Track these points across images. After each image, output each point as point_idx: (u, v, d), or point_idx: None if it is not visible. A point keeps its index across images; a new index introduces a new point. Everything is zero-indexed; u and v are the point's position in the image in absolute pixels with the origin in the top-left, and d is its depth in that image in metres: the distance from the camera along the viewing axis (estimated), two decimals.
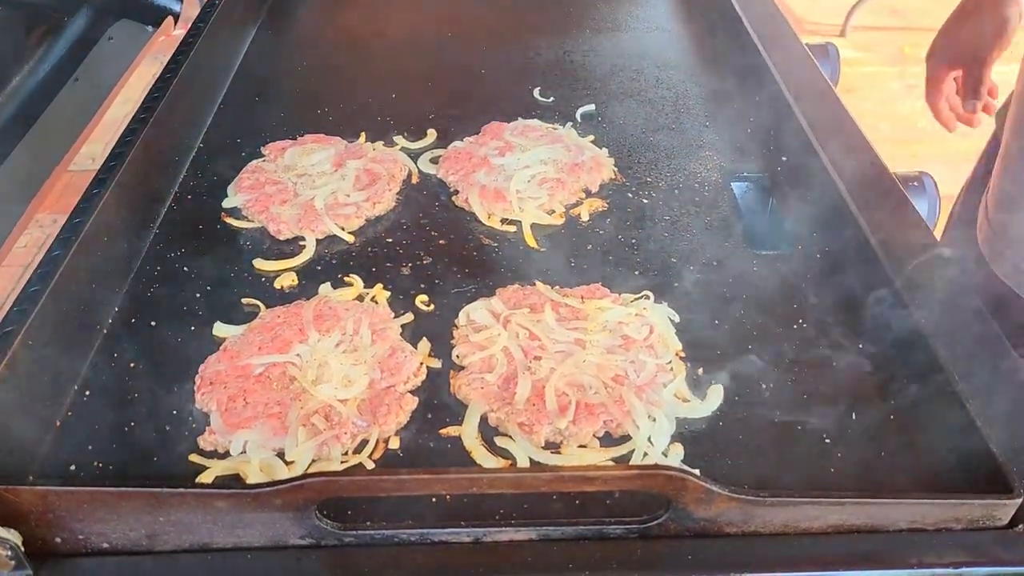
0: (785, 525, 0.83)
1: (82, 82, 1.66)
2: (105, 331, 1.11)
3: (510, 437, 0.97)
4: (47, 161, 1.53)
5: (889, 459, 0.95)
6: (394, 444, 0.97)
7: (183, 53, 1.55)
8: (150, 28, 1.85)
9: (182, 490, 0.79)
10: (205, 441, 0.97)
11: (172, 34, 1.86)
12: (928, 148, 3.86)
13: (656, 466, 0.90)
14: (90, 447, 0.96)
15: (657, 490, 0.80)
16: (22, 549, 0.77)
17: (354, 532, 0.82)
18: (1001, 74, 1.52)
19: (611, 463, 0.95)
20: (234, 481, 0.93)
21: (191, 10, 1.82)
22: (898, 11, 5.00)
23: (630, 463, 0.94)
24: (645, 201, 1.37)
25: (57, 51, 1.64)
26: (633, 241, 1.28)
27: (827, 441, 0.97)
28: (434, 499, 0.89)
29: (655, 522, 0.82)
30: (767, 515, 0.82)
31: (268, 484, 0.79)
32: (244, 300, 1.17)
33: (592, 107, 1.60)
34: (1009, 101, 1.45)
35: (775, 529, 0.83)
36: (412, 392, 1.03)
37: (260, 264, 1.23)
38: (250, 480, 0.92)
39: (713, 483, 0.80)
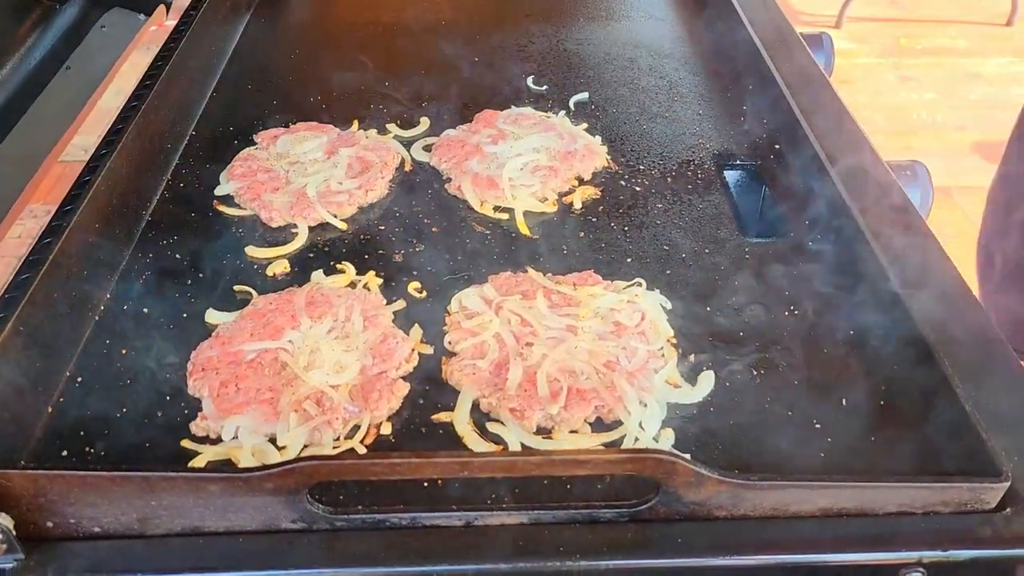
0: (774, 508, 0.83)
1: (74, 71, 1.65)
2: (97, 317, 1.11)
3: (502, 423, 0.98)
4: (39, 151, 1.52)
5: (879, 444, 0.95)
6: (386, 430, 0.98)
7: (175, 41, 1.55)
8: (142, 16, 1.84)
9: (173, 474, 0.79)
10: (197, 427, 0.97)
11: (165, 23, 1.85)
12: (922, 140, 3.87)
13: (646, 450, 0.90)
14: (82, 433, 0.96)
15: (647, 474, 0.80)
16: (13, 533, 0.77)
17: (345, 516, 0.82)
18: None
19: (602, 448, 0.95)
20: (226, 466, 0.93)
21: None
22: (894, 2, 5.00)
23: (621, 448, 0.94)
24: (638, 189, 1.37)
25: (48, 40, 1.62)
26: (626, 228, 1.28)
27: (817, 426, 0.97)
28: (426, 483, 0.90)
29: (645, 506, 0.82)
30: (756, 498, 0.82)
31: (259, 468, 0.79)
32: (236, 287, 1.16)
33: (586, 95, 1.60)
34: None
35: (764, 512, 0.83)
36: (404, 378, 1.03)
37: (252, 251, 1.23)
38: (242, 465, 0.92)
39: (702, 466, 0.80)
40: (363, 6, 1.99)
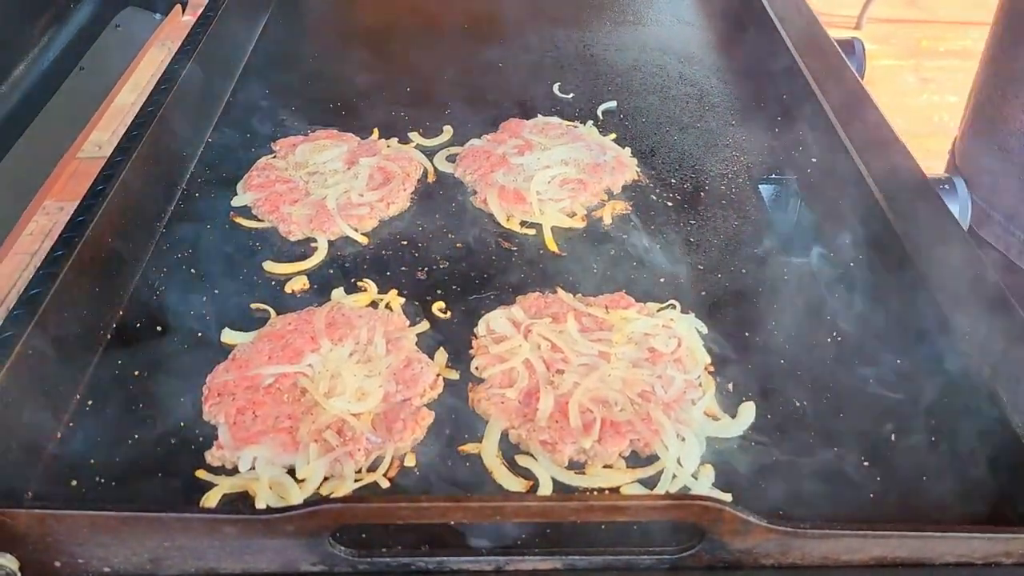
0: (825, 557, 0.78)
1: (88, 71, 1.61)
2: (109, 337, 1.07)
3: (532, 456, 0.93)
4: (54, 150, 1.49)
5: (932, 484, 0.90)
6: (410, 462, 0.93)
7: (191, 43, 1.50)
8: (158, 16, 1.80)
9: (188, 515, 0.75)
10: (212, 456, 0.92)
11: (181, 20, 1.81)
12: (942, 143, 3.79)
13: (690, 496, 0.85)
14: (92, 460, 0.92)
15: (691, 521, 0.75)
16: (19, 575, 0.73)
17: (368, 559, 0.78)
18: None
19: (639, 485, 0.90)
20: (242, 499, 0.88)
21: None
22: (915, 3, 4.92)
23: (659, 487, 0.89)
24: (669, 204, 1.32)
25: (62, 40, 1.59)
26: (658, 246, 1.23)
27: (866, 464, 0.92)
28: (453, 522, 0.85)
29: (688, 553, 0.78)
30: (806, 547, 0.77)
31: (280, 510, 0.74)
32: (253, 305, 1.12)
33: (613, 104, 1.55)
34: None
35: (814, 561, 0.78)
36: (428, 406, 0.98)
37: (271, 267, 1.18)
38: (259, 499, 0.88)
39: (750, 514, 0.75)
40: (384, 9, 1.94)
